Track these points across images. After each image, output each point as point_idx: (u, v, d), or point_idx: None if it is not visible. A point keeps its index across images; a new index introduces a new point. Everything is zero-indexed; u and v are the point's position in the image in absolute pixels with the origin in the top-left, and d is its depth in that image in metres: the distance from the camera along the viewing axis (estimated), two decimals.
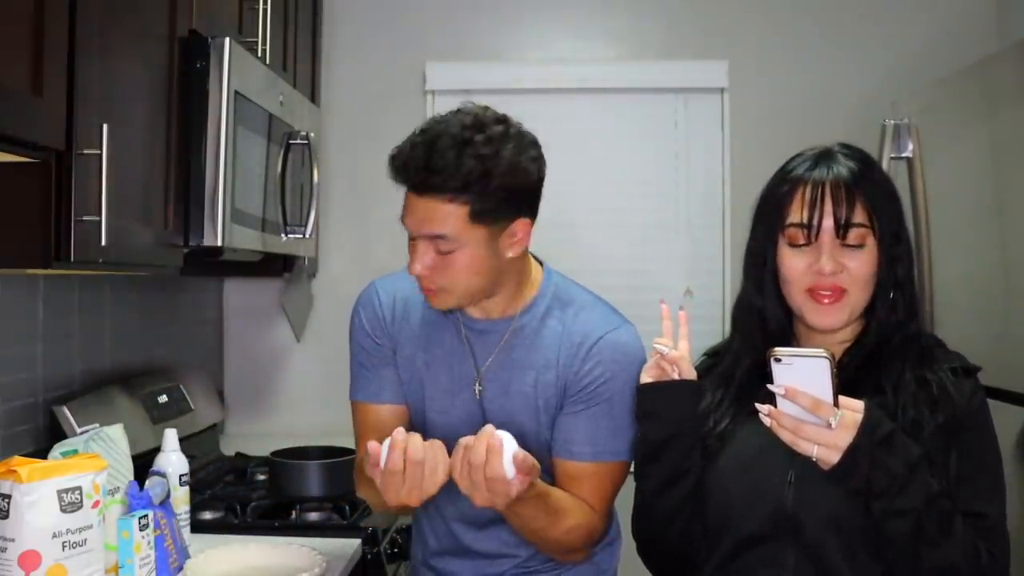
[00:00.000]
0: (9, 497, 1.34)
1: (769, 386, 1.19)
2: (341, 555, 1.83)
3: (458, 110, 1.48)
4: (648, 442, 1.42)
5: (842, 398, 1.18)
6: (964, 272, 2.24)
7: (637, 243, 3.12)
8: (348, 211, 3.07)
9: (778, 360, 1.18)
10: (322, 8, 2.97)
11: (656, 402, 1.41)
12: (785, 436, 1.19)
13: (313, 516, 2.01)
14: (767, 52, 3.10)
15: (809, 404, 1.16)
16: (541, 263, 1.66)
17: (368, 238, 3.04)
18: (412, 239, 1.48)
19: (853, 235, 1.31)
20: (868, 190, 1.32)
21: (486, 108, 1.48)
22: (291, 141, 2.27)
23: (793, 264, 1.34)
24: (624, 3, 3.15)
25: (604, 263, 3.09)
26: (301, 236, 2.32)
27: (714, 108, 3.13)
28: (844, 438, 1.16)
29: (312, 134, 2.34)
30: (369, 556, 1.95)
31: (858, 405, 1.18)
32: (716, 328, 2.99)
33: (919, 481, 1.19)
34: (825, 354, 1.17)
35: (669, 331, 1.46)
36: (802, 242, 1.33)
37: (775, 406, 1.20)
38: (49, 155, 1.37)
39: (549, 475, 1.56)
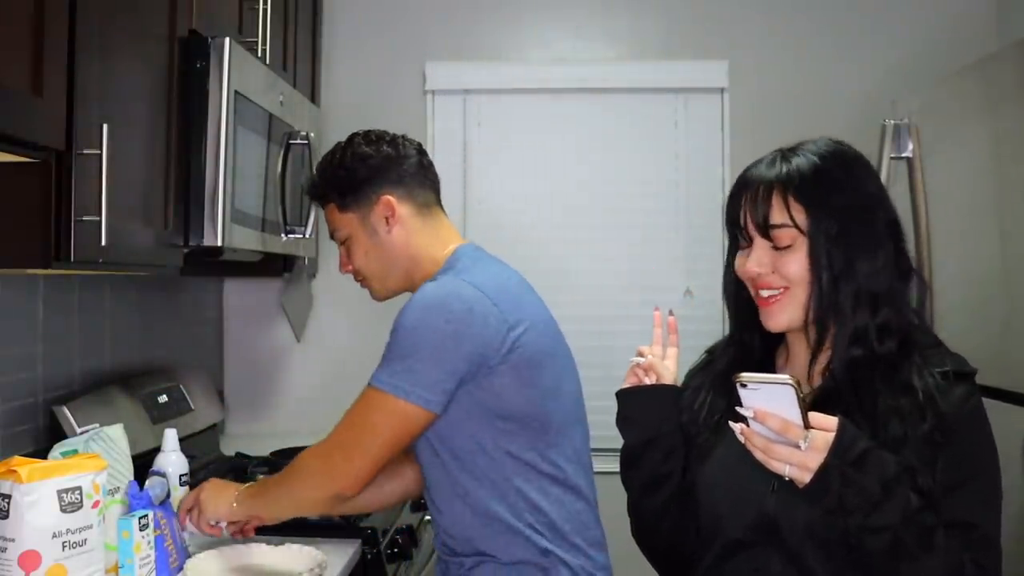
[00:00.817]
0: (9, 497, 1.34)
1: (738, 409, 1.18)
2: (341, 555, 1.83)
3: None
4: (626, 447, 1.44)
5: (815, 416, 1.16)
6: (964, 272, 2.24)
7: (637, 243, 3.12)
8: None
9: (744, 386, 1.18)
10: (322, 8, 2.97)
11: (631, 407, 1.43)
12: (758, 455, 1.18)
13: (313, 516, 2.00)
14: (767, 52, 3.11)
15: (778, 427, 1.15)
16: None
17: None
18: None
19: (779, 236, 1.29)
20: (798, 189, 1.29)
21: (381, 130, 1.79)
22: (291, 141, 2.27)
23: (739, 266, 1.35)
24: (624, 3, 3.15)
25: (604, 263, 3.10)
26: (301, 236, 2.32)
27: (714, 108, 3.13)
28: (815, 459, 1.15)
29: (312, 134, 2.34)
30: (369, 556, 1.95)
31: (831, 424, 1.16)
32: (716, 328, 2.99)
33: (896, 498, 1.17)
34: (789, 380, 1.15)
35: (658, 338, 1.48)
36: (742, 243, 1.34)
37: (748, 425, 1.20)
38: (49, 155, 1.37)
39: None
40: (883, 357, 1.29)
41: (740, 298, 1.39)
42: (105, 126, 1.42)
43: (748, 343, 1.41)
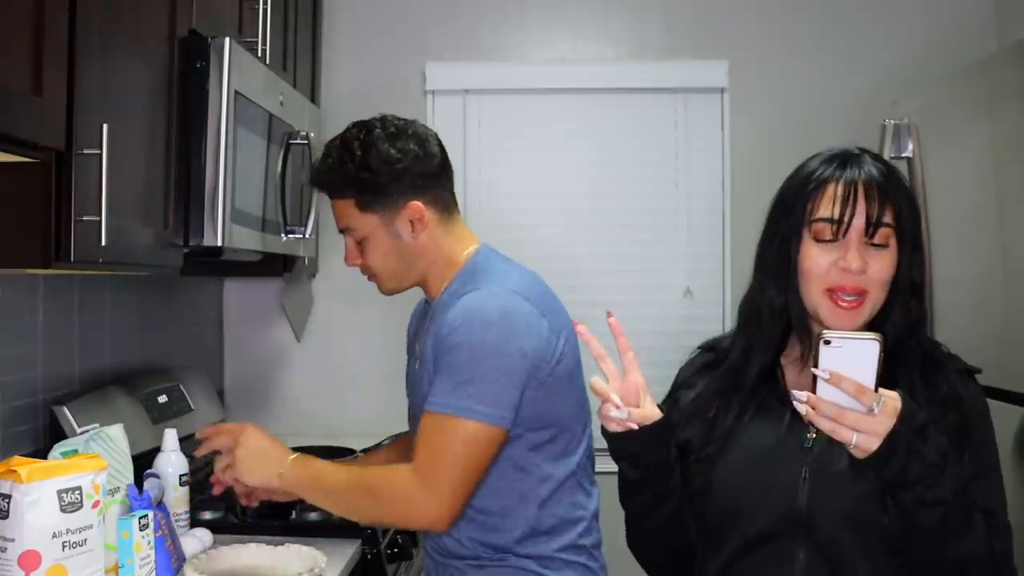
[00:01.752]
0: (9, 497, 1.34)
1: (813, 370, 1.17)
2: (341, 555, 1.83)
3: (361, 120, 1.69)
4: (623, 478, 1.38)
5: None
6: (964, 272, 2.24)
7: (637, 243, 3.12)
8: None
9: (827, 343, 1.16)
10: (322, 8, 2.97)
11: (625, 448, 1.34)
12: (823, 424, 1.16)
13: (313, 516, 2.01)
14: (767, 52, 3.10)
15: (853, 389, 1.14)
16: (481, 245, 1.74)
17: None
18: None
19: (881, 234, 1.30)
20: (895, 192, 1.32)
21: (392, 117, 1.69)
22: (291, 141, 2.27)
23: (818, 260, 1.32)
24: (624, 3, 3.15)
25: (604, 263, 3.10)
26: (301, 236, 2.32)
27: (714, 108, 3.13)
28: (885, 424, 1.14)
29: (312, 134, 2.34)
30: (369, 556, 1.95)
31: (894, 393, 1.17)
32: (716, 328, 2.97)
33: (950, 472, 1.18)
34: (875, 336, 1.15)
35: (603, 356, 1.32)
36: (828, 237, 1.31)
37: (811, 392, 1.17)
38: (49, 155, 1.37)
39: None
40: (915, 352, 1.33)
41: (798, 298, 1.35)
42: (105, 126, 1.42)
43: (773, 352, 1.39)
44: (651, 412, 1.32)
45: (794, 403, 1.19)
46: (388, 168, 1.63)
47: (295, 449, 2.39)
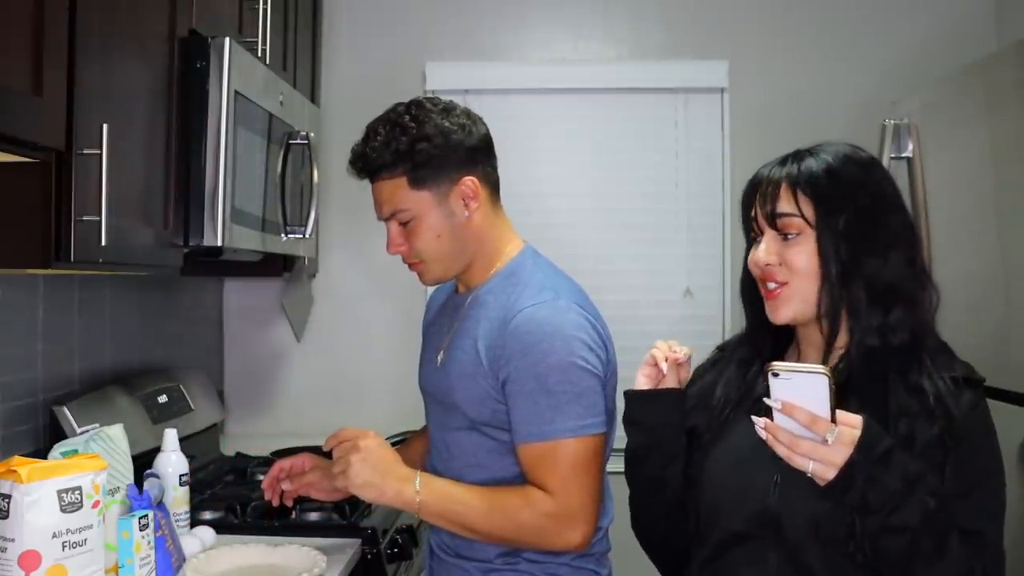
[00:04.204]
0: (9, 497, 1.34)
1: (766, 400, 1.18)
2: (341, 555, 1.83)
3: (402, 101, 1.64)
4: (630, 448, 1.44)
5: (840, 413, 1.16)
6: (964, 272, 2.24)
7: (637, 243, 3.12)
8: (348, 211, 3.07)
9: (776, 375, 1.17)
10: (322, 8, 2.97)
11: (640, 410, 1.42)
12: (780, 451, 1.17)
13: (313, 516, 2.01)
14: (767, 52, 3.11)
15: (806, 420, 1.15)
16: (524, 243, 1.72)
17: (368, 238, 3.03)
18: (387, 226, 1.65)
19: (782, 224, 1.32)
20: (808, 184, 1.31)
21: (435, 98, 1.64)
22: (291, 141, 2.27)
23: (749, 257, 1.38)
24: (624, 3, 3.15)
25: (604, 263, 3.10)
26: (301, 236, 2.32)
27: (714, 108, 3.13)
28: (841, 454, 1.14)
29: (312, 134, 2.34)
30: (369, 556, 1.95)
31: (856, 421, 1.16)
32: (716, 328, 3.00)
33: (917, 498, 1.17)
34: (823, 370, 1.15)
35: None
36: (755, 235, 1.37)
37: (772, 418, 1.19)
38: (49, 155, 1.38)
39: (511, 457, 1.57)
40: (895, 355, 1.30)
41: (755, 295, 1.39)
42: (105, 126, 1.42)
43: (760, 341, 1.42)
44: (683, 379, 1.43)
45: (756, 428, 1.20)
46: (443, 139, 1.57)
47: (293, 449, 2.41)
